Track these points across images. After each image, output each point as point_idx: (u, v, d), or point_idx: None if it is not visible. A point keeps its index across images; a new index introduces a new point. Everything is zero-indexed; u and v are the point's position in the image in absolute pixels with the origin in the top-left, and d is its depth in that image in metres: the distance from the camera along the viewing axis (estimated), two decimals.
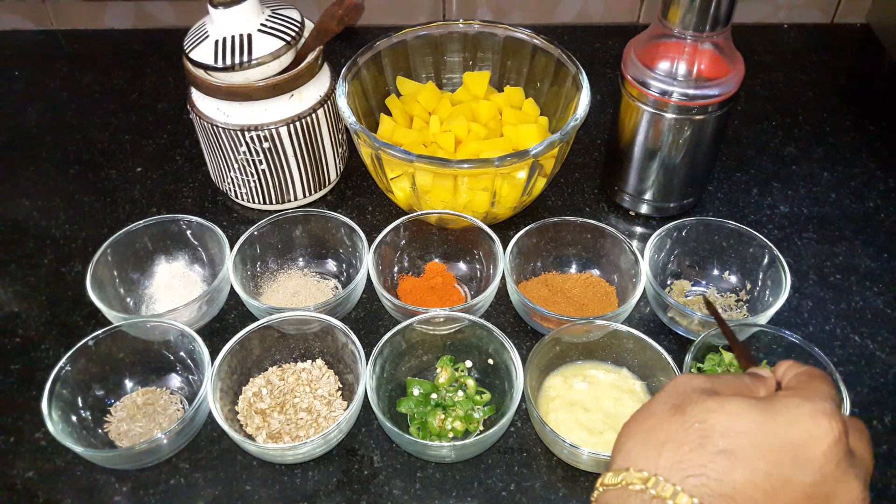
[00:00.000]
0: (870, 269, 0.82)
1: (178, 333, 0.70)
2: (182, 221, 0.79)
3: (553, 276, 0.80)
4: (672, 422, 0.41)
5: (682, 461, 0.39)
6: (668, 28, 0.73)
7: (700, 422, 0.40)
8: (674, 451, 0.40)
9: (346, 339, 0.69)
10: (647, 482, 0.39)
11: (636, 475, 0.40)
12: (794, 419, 0.40)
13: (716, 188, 0.91)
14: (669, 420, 0.41)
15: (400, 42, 0.89)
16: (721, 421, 0.40)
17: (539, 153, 0.74)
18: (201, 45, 0.76)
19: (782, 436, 0.39)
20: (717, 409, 0.41)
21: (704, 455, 0.39)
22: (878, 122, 0.99)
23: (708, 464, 0.39)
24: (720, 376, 0.45)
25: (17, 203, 0.91)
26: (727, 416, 0.40)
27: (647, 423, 0.42)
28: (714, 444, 0.39)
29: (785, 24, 1.15)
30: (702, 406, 0.41)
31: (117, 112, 1.02)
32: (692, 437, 0.40)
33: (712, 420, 0.40)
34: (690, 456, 0.39)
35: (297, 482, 0.66)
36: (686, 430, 0.40)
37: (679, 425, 0.41)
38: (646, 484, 0.39)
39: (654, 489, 0.39)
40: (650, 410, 0.43)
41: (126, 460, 0.65)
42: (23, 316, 0.79)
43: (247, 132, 0.79)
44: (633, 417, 0.43)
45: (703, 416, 0.40)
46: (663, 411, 0.42)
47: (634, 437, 0.42)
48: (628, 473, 0.40)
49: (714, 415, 0.40)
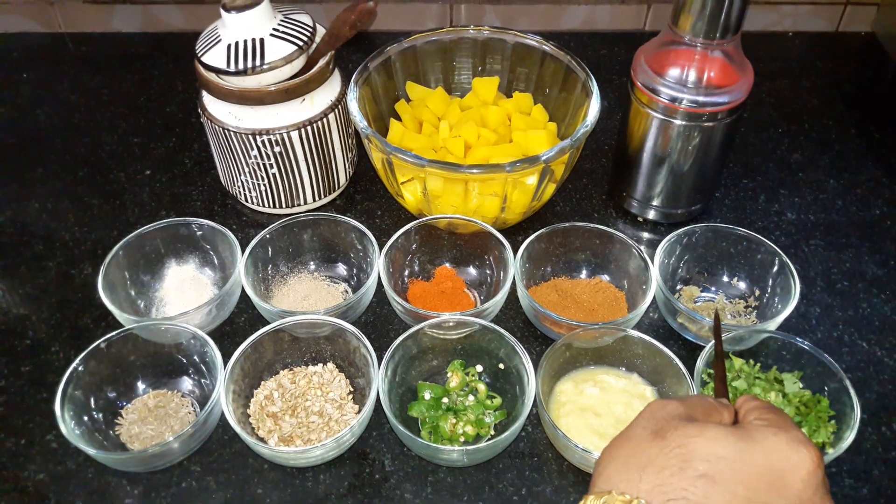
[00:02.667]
0: (877, 275, 0.83)
1: (190, 336, 0.70)
2: (193, 224, 0.79)
3: (563, 281, 0.80)
4: (652, 446, 0.42)
5: (663, 485, 0.40)
6: (678, 35, 0.73)
7: (680, 446, 0.41)
8: (655, 474, 0.40)
9: (357, 342, 0.69)
10: None
11: (618, 498, 0.40)
12: (773, 447, 0.41)
13: (723, 195, 0.91)
14: (650, 444, 0.42)
15: (410, 47, 0.89)
16: (701, 446, 0.41)
17: (550, 159, 0.74)
18: (213, 48, 0.77)
19: (761, 462, 0.40)
20: (697, 435, 0.41)
21: (685, 479, 0.40)
22: (883, 129, 1.00)
23: (689, 487, 0.39)
24: (691, 400, 0.46)
25: (26, 205, 0.91)
26: (707, 441, 0.41)
27: (627, 448, 0.43)
28: (694, 468, 0.40)
29: (790, 32, 1.15)
30: (682, 431, 0.42)
31: (125, 115, 1.02)
32: (673, 462, 0.41)
33: (692, 445, 0.41)
34: (671, 480, 0.40)
35: (308, 485, 0.66)
36: (667, 455, 0.41)
37: (660, 449, 0.41)
38: None
39: None
40: (630, 435, 0.44)
41: (138, 463, 0.65)
42: (32, 318, 0.79)
43: (258, 136, 0.79)
44: (614, 442, 0.44)
45: (684, 441, 0.41)
46: (643, 436, 0.43)
47: (616, 461, 0.43)
48: (610, 497, 0.41)
49: (694, 440, 0.41)
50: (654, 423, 0.43)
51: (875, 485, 0.66)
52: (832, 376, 0.67)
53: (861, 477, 0.67)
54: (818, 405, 0.67)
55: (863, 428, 0.70)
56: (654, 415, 0.44)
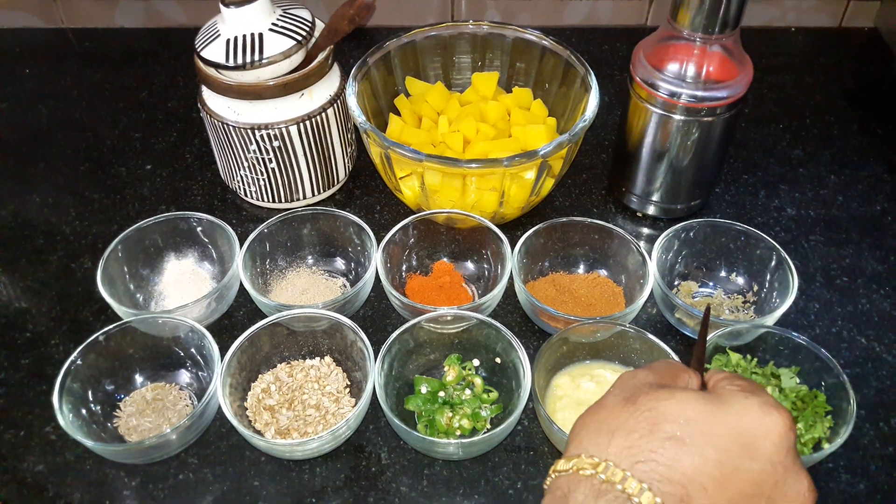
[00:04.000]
0: (876, 271, 0.82)
1: (187, 329, 0.70)
2: (192, 219, 0.79)
3: (560, 276, 0.80)
4: (623, 411, 0.42)
5: (631, 447, 0.40)
6: (677, 30, 0.73)
7: (650, 409, 0.41)
8: (624, 437, 0.41)
9: (354, 336, 0.70)
10: (598, 467, 0.40)
11: (587, 461, 0.40)
12: (745, 410, 0.41)
13: (723, 190, 0.91)
14: (621, 409, 0.42)
15: (409, 42, 0.89)
16: (671, 408, 0.41)
17: (548, 154, 0.74)
18: (213, 43, 0.77)
19: (732, 425, 0.40)
20: (667, 398, 0.42)
21: (654, 441, 0.40)
22: (885, 125, 1.00)
23: (657, 449, 0.39)
24: (657, 365, 0.46)
25: (27, 199, 0.91)
26: (677, 403, 0.41)
27: (599, 414, 0.43)
28: (664, 430, 0.40)
29: (793, 27, 1.15)
30: (653, 395, 0.42)
31: (127, 110, 1.03)
32: (642, 425, 0.41)
33: (662, 408, 0.41)
34: (640, 442, 0.40)
35: (305, 478, 0.67)
36: (636, 418, 0.41)
37: (630, 414, 0.42)
38: (595, 469, 0.40)
39: (604, 474, 0.39)
40: (602, 403, 0.44)
41: (135, 455, 0.65)
42: (32, 311, 0.80)
43: (257, 131, 0.79)
44: (587, 410, 0.44)
45: (654, 405, 0.41)
46: (615, 402, 0.43)
47: (587, 427, 0.43)
48: (579, 459, 0.41)
49: (664, 402, 0.41)
50: (626, 391, 0.44)
51: (872, 480, 0.66)
52: (829, 371, 0.67)
53: (858, 472, 0.67)
54: (815, 400, 0.67)
55: (860, 423, 0.69)
56: (625, 383, 0.45)
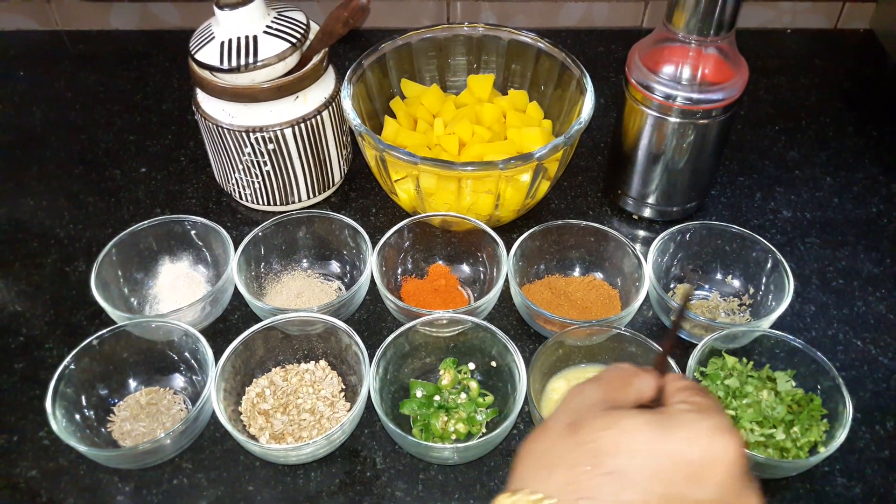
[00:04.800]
0: (872, 274, 0.82)
1: (181, 333, 0.70)
2: (187, 222, 0.79)
3: (556, 279, 0.80)
4: (566, 441, 0.40)
5: (573, 483, 0.38)
6: (672, 32, 0.73)
7: (592, 441, 0.39)
8: (565, 471, 0.39)
9: (349, 340, 0.69)
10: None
11: (528, 497, 0.39)
12: (693, 435, 0.39)
13: (719, 192, 0.91)
14: (563, 439, 0.40)
15: (405, 45, 0.89)
16: (614, 439, 0.39)
17: (543, 156, 0.74)
18: (207, 46, 0.77)
19: (679, 453, 0.38)
20: (610, 427, 0.40)
21: (596, 477, 0.38)
22: (881, 127, 1.00)
23: (600, 486, 0.38)
24: (607, 375, 0.44)
25: (22, 203, 0.91)
26: (621, 434, 0.39)
27: (543, 443, 0.41)
28: (606, 465, 0.38)
29: (788, 29, 1.15)
30: (596, 424, 0.40)
31: (121, 112, 1.03)
32: (584, 458, 0.39)
33: (604, 439, 0.39)
34: (582, 478, 0.38)
35: (299, 483, 0.66)
36: (579, 451, 0.39)
37: (573, 445, 0.40)
38: None
39: None
40: (546, 427, 0.42)
41: (129, 460, 0.65)
42: (26, 315, 0.79)
43: (252, 133, 0.79)
44: (531, 436, 0.42)
45: (596, 436, 0.39)
46: (558, 429, 0.41)
47: (530, 457, 0.41)
48: (522, 495, 0.39)
49: (607, 433, 0.39)
50: (570, 415, 0.42)
51: (868, 484, 0.66)
52: (825, 375, 0.67)
53: (854, 476, 0.67)
54: (811, 404, 0.67)
55: (856, 427, 0.69)
56: (569, 404, 0.43)
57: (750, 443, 0.64)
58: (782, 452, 0.64)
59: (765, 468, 0.63)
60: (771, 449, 0.64)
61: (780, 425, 0.65)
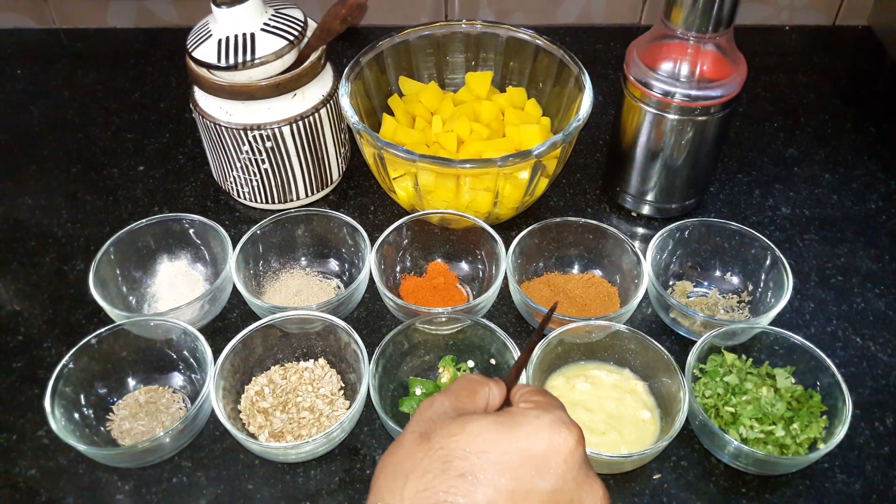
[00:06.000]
0: (871, 270, 0.82)
1: (180, 332, 0.70)
2: (185, 220, 0.79)
3: (555, 276, 0.80)
4: (419, 451, 0.41)
5: (426, 489, 0.39)
6: (670, 29, 0.73)
7: (442, 448, 0.41)
8: (418, 479, 0.40)
9: (348, 338, 0.69)
10: None
11: None
12: (535, 430, 0.41)
13: (717, 189, 0.91)
14: (416, 449, 0.41)
15: (403, 42, 0.89)
16: (462, 443, 0.40)
17: (542, 153, 0.74)
18: (204, 44, 0.77)
19: (523, 448, 0.40)
20: (458, 432, 0.41)
21: (447, 480, 0.39)
22: (879, 123, 1.00)
23: (450, 489, 0.39)
24: (455, 386, 0.45)
25: (19, 201, 0.91)
26: (468, 437, 0.41)
27: (396, 456, 0.42)
28: (455, 468, 0.40)
29: (786, 25, 1.15)
30: (445, 431, 0.41)
31: (119, 111, 1.02)
32: (435, 465, 0.40)
33: (453, 444, 0.41)
34: (434, 483, 0.39)
35: (299, 481, 0.66)
36: (430, 458, 0.41)
37: (424, 453, 0.41)
38: None
39: None
40: (400, 442, 0.43)
41: (128, 459, 0.65)
42: (25, 314, 0.79)
43: (249, 131, 0.79)
44: (387, 450, 0.44)
45: (445, 442, 0.41)
46: (412, 441, 0.42)
47: (385, 471, 0.42)
48: None
49: (456, 438, 0.41)
50: (422, 426, 0.43)
51: (868, 480, 0.66)
52: (824, 371, 0.67)
53: (854, 472, 0.67)
54: (810, 400, 0.67)
55: (856, 423, 0.69)
56: (421, 417, 0.44)
57: (749, 440, 0.64)
58: (782, 449, 0.64)
59: (764, 465, 0.63)
60: (770, 446, 0.64)
61: (780, 422, 0.65)
